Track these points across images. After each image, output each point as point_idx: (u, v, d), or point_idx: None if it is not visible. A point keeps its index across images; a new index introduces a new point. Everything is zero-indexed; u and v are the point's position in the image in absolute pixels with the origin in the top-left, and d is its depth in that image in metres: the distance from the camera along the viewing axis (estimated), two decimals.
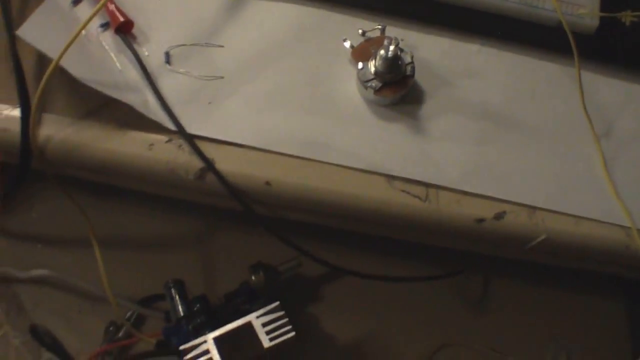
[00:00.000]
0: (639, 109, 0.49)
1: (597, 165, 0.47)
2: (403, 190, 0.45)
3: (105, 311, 0.57)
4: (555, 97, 0.49)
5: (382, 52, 0.45)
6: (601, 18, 0.49)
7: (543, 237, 0.45)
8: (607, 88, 0.50)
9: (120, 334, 0.57)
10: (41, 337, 0.46)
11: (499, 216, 0.45)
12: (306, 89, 0.48)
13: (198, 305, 0.53)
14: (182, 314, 0.51)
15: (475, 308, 0.59)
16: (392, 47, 0.45)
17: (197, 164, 0.45)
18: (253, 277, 0.54)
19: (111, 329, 0.57)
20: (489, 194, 0.46)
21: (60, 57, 0.45)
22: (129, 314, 0.57)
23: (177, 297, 0.52)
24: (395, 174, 0.46)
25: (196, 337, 0.47)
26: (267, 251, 0.56)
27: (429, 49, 0.50)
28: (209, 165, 0.45)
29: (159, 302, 0.57)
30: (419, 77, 0.48)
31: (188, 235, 0.60)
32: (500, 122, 0.48)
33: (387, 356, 0.56)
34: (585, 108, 0.48)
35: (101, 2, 0.46)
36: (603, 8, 0.50)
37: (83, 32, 0.47)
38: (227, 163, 0.45)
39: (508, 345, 0.57)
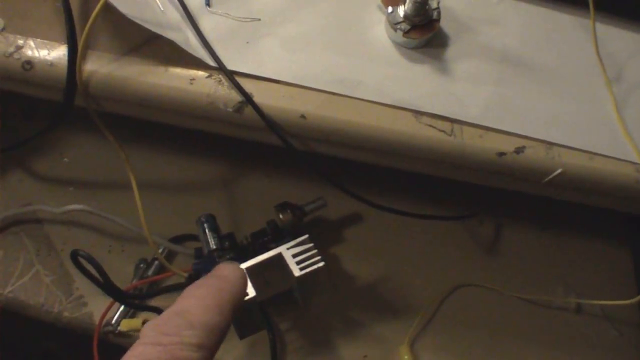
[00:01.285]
0: None
1: (609, 106, 0.50)
2: (429, 125, 0.48)
3: (134, 251, 0.60)
4: (570, 44, 0.52)
5: None
6: None
7: (559, 170, 0.48)
8: (619, 38, 0.53)
9: (150, 272, 0.59)
10: (80, 264, 0.48)
11: (519, 150, 0.48)
12: (338, 31, 0.51)
13: (227, 242, 0.55)
14: (214, 246, 0.54)
15: (488, 251, 0.62)
16: None
17: (236, 97, 0.48)
18: (281, 216, 0.56)
19: (141, 265, 0.59)
20: (509, 129, 0.48)
21: None
22: (160, 250, 0.59)
23: (209, 231, 0.55)
24: (422, 109, 0.48)
25: None
26: (292, 193, 0.59)
27: None
28: (248, 98, 0.48)
29: (188, 241, 0.60)
30: (444, 23, 0.51)
31: (215, 178, 0.63)
32: (519, 65, 0.51)
33: (404, 295, 0.59)
34: (599, 54, 0.51)
35: None
36: None
37: None
38: (264, 97, 0.48)
39: (520, 286, 0.60)
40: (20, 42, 0.50)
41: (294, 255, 0.50)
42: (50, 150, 0.63)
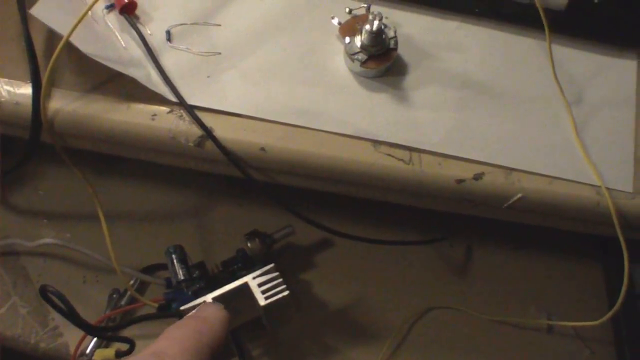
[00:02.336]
0: (605, 79, 0.53)
1: (569, 130, 0.51)
2: (388, 154, 0.49)
3: (108, 281, 0.61)
4: (530, 68, 0.53)
5: (367, 26, 0.49)
6: None
7: (519, 195, 0.49)
8: (577, 60, 0.54)
9: (123, 302, 0.60)
10: (50, 298, 0.49)
11: (478, 177, 0.49)
12: (298, 63, 0.52)
13: (197, 271, 0.56)
14: (182, 277, 0.55)
15: (459, 274, 0.62)
16: (376, 22, 0.48)
17: (197, 132, 0.49)
18: (249, 244, 0.57)
19: (114, 296, 0.60)
20: (468, 156, 0.49)
21: (71, 33, 0.48)
22: (131, 282, 0.60)
23: (177, 262, 0.55)
24: (380, 139, 0.49)
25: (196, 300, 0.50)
26: (261, 221, 0.60)
27: (411, 26, 0.53)
28: (208, 133, 0.48)
29: (160, 271, 0.60)
30: (402, 51, 0.52)
31: (185, 207, 0.64)
32: (479, 91, 0.51)
33: (376, 319, 0.59)
34: (556, 78, 0.52)
35: None
36: None
37: (89, 12, 0.51)
38: (224, 131, 0.49)
39: (491, 308, 0.60)
40: None
41: (260, 285, 0.51)
42: (25, 183, 0.64)
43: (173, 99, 0.49)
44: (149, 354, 0.36)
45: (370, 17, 0.49)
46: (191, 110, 0.49)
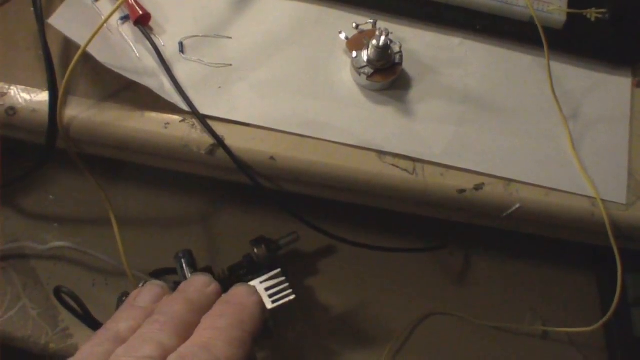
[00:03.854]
0: (601, 95, 0.55)
1: (565, 143, 0.53)
2: (392, 165, 0.51)
3: (117, 284, 0.62)
4: (528, 83, 0.55)
5: (374, 41, 0.51)
6: (569, 14, 0.55)
7: (517, 206, 0.51)
8: (574, 76, 0.56)
9: None
10: (63, 299, 0.50)
11: (478, 187, 0.51)
12: (306, 75, 0.54)
13: None
14: None
15: (458, 281, 0.64)
16: (382, 37, 0.50)
17: (208, 140, 0.50)
18: (255, 250, 0.58)
19: (123, 299, 0.61)
20: (469, 167, 0.51)
21: (88, 43, 0.50)
22: (140, 284, 0.62)
23: (186, 266, 0.57)
24: (385, 149, 0.51)
25: None
26: (267, 227, 0.61)
27: (416, 42, 0.55)
28: (219, 141, 0.50)
29: (168, 275, 0.62)
30: (406, 66, 0.54)
31: (193, 213, 0.65)
32: (479, 105, 0.53)
33: (377, 324, 0.61)
34: (554, 93, 0.54)
35: None
36: (571, 5, 0.55)
37: (105, 26, 0.53)
38: (235, 140, 0.51)
39: (488, 314, 0.62)
40: (4, 89, 0.53)
41: (267, 289, 0.52)
42: (36, 188, 0.66)
43: (185, 108, 0.51)
44: (197, 346, 0.35)
45: (377, 32, 0.51)
46: (203, 119, 0.51)
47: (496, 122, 0.53)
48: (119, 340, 0.36)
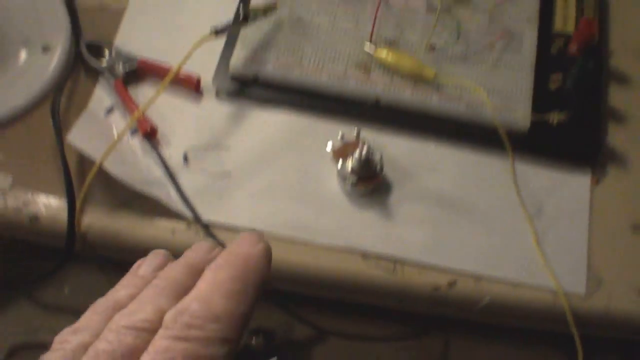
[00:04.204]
0: (563, 193, 0.61)
1: (530, 239, 0.59)
2: (375, 265, 0.57)
3: None
4: (496, 185, 0.61)
5: (356, 154, 0.57)
6: (532, 119, 0.61)
7: (487, 300, 0.57)
8: (538, 176, 0.62)
9: None
10: None
11: (452, 284, 0.57)
12: (297, 183, 0.60)
13: None
14: None
15: None
16: (364, 151, 0.57)
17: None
18: (253, 341, 0.65)
19: None
20: (444, 264, 0.57)
21: (102, 160, 0.56)
22: None
23: None
24: (369, 250, 0.57)
25: None
26: (263, 318, 0.67)
27: (396, 148, 0.62)
28: (222, 246, 0.56)
29: None
30: (387, 171, 0.60)
31: None
32: (452, 206, 0.60)
33: None
34: (519, 194, 0.60)
35: (134, 116, 0.58)
36: (534, 110, 0.62)
37: (116, 136, 0.59)
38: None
39: None
40: (27, 197, 0.59)
41: None
42: (53, 282, 0.71)
43: (190, 216, 0.57)
44: (195, 300, 0.32)
45: (360, 145, 0.57)
46: (206, 227, 0.57)
47: (467, 222, 0.59)
48: (118, 307, 0.35)
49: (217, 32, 0.58)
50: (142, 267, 0.40)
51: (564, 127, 0.62)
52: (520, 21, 0.66)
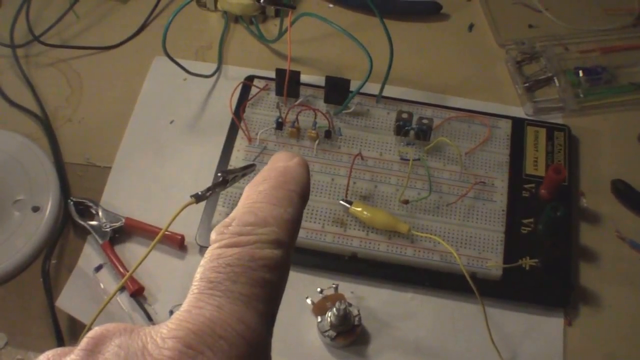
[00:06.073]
0: (537, 335, 0.63)
1: None
2: None
3: None
4: (471, 331, 0.63)
5: (334, 310, 0.60)
6: (505, 266, 0.64)
7: None
8: (513, 320, 0.64)
9: None
10: None
11: None
12: (278, 335, 0.61)
13: None
14: None
15: None
16: (342, 308, 0.59)
17: None
18: None
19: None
20: None
21: (92, 322, 0.59)
22: None
23: None
24: None
25: None
26: None
27: (374, 299, 0.64)
28: None
29: None
30: (365, 322, 0.62)
31: None
32: (429, 354, 0.62)
33: None
34: (492, 340, 0.61)
35: (122, 281, 0.61)
36: (506, 257, 0.64)
37: (105, 296, 0.62)
38: None
39: None
40: (19, 357, 0.61)
41: None
42: None
43: None
44: (241, 211, 0.32)
45: (337, 303, 0.59)
46: None
47: None
48: None
49: (198, 199, 0.61)
50: None
51: (536, 271, 0.65)
52: (492, 168, 0.70)
